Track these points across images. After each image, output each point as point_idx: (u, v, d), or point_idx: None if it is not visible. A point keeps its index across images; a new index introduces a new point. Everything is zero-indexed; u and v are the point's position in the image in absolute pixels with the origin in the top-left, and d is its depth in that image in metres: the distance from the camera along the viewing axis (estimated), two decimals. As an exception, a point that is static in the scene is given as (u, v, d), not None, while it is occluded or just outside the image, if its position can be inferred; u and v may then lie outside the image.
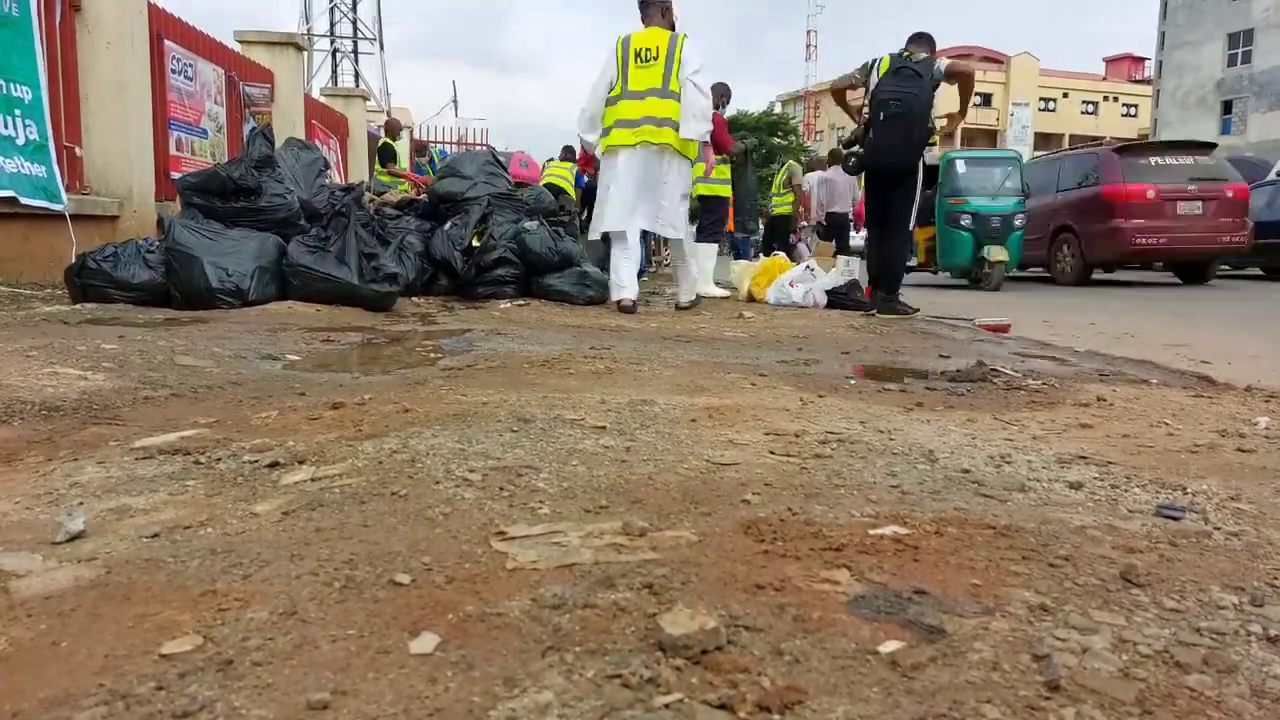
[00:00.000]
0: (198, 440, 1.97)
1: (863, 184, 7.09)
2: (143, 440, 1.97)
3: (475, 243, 6.49)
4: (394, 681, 0.93)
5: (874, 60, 6.30)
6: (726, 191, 9.08)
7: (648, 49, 5.92)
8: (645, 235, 12.04)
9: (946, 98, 6.51)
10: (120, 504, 1.54)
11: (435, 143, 21.47)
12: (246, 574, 1.22)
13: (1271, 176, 14.84)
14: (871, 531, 1.42)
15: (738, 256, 12.45)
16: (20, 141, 5.56)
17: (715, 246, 8.90)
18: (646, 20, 6.13)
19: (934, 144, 6.48)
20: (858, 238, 9.91)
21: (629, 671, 0.94)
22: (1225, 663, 1.01)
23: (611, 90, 6.02)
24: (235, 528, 1.42)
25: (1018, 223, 10.97)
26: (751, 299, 7.45)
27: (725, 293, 8.34)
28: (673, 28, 6.13)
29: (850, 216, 12.46)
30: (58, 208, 5.74)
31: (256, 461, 1.79)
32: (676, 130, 5.86)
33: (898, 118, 6.06)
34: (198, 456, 1.84)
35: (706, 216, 8.93)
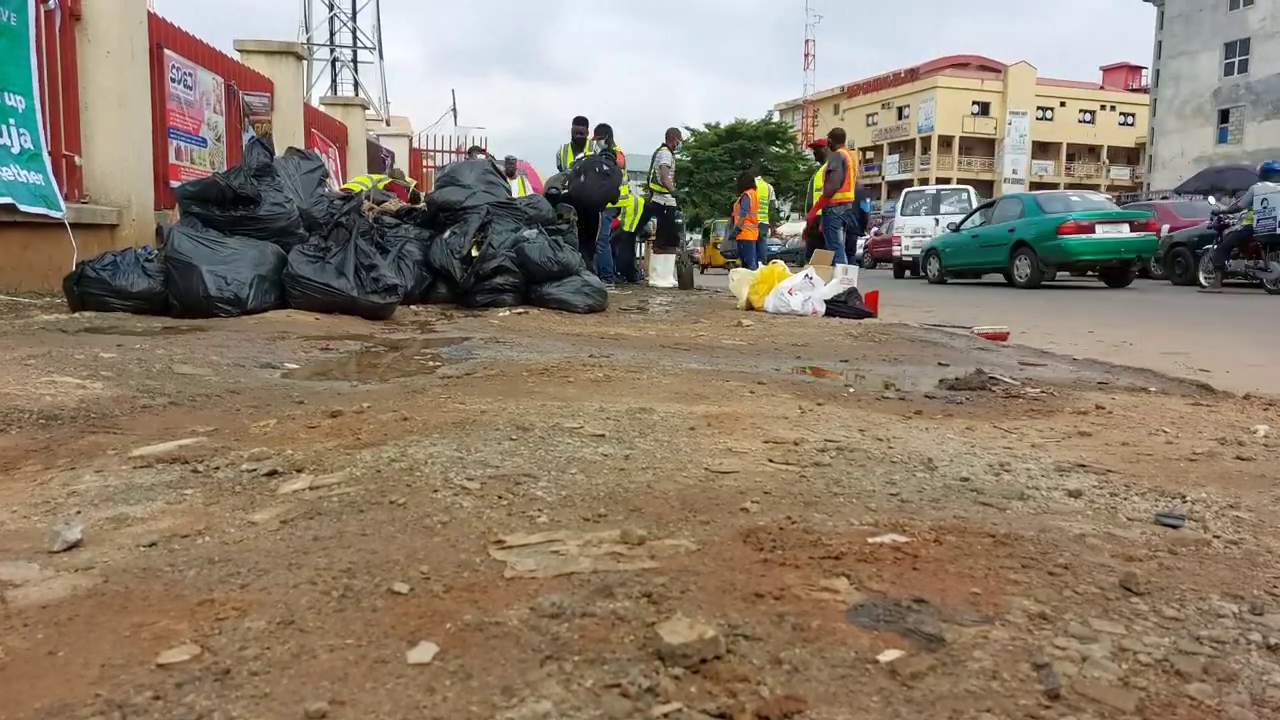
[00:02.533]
0: (196, 449, 1.97)
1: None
2: (141, 449, 1.97)
3: (475, 252, 6.48)
4: (392, 691, 0.93)
5: None
6: None
7: None
8: (630, 245, 12.39)
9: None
10: (118, 513, 1.53)
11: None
12: (244, 583, 1.22)
13: (1269, 185, 14.85)
14: (871, 540, 1.41)
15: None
16: (15, 150, 5.57)
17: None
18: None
19: None
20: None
21: (628, 681, 0.94)
22: (1225, 671, 1.00)
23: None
24: (233, 537, 1.42)
25: None
26: (750, 307, 7.46)
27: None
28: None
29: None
30: (57, 215, 5.74)
31: (255, 470, 1.79)
32: None
33: None
34: (196, 465, 1.84)
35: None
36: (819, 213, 10.52)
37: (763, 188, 13.25)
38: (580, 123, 10.99)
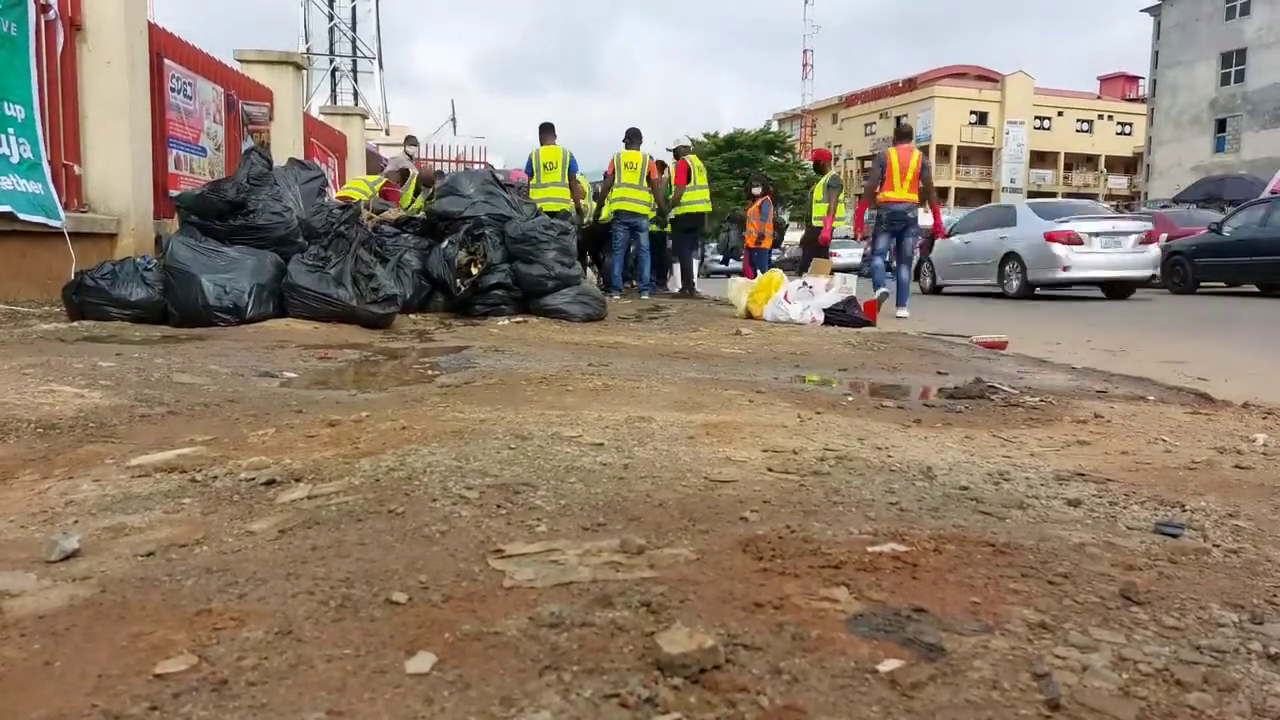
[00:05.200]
0: (194, 458, 1.97)
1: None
2: (139, 458, 1.96)
3: (475, 270, 6.46)
4: (390, 702, 0.92)
5: None
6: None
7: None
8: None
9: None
10: (116, 522, 1.53)
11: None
12: (242, 593, 1.21)
13: (1265, 194, 14.94)
14: (870, 549, 1.41)
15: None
16: (15, 160, 5.58)
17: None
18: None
19: None
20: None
21: (627, 691, 0.94)
22: (1226, 681, 1.00)
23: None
24: (231, 546, 1.41)
25: None
26: (749, 316, 7.46)
27: None
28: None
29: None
30: (56, 224, 5.75)
31: (253, 479, 1.79)
32: None
33: None
34: (194, 474, 1.83)
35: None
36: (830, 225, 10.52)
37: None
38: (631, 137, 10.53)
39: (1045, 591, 1.26)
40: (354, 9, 41.62)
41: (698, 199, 10.82)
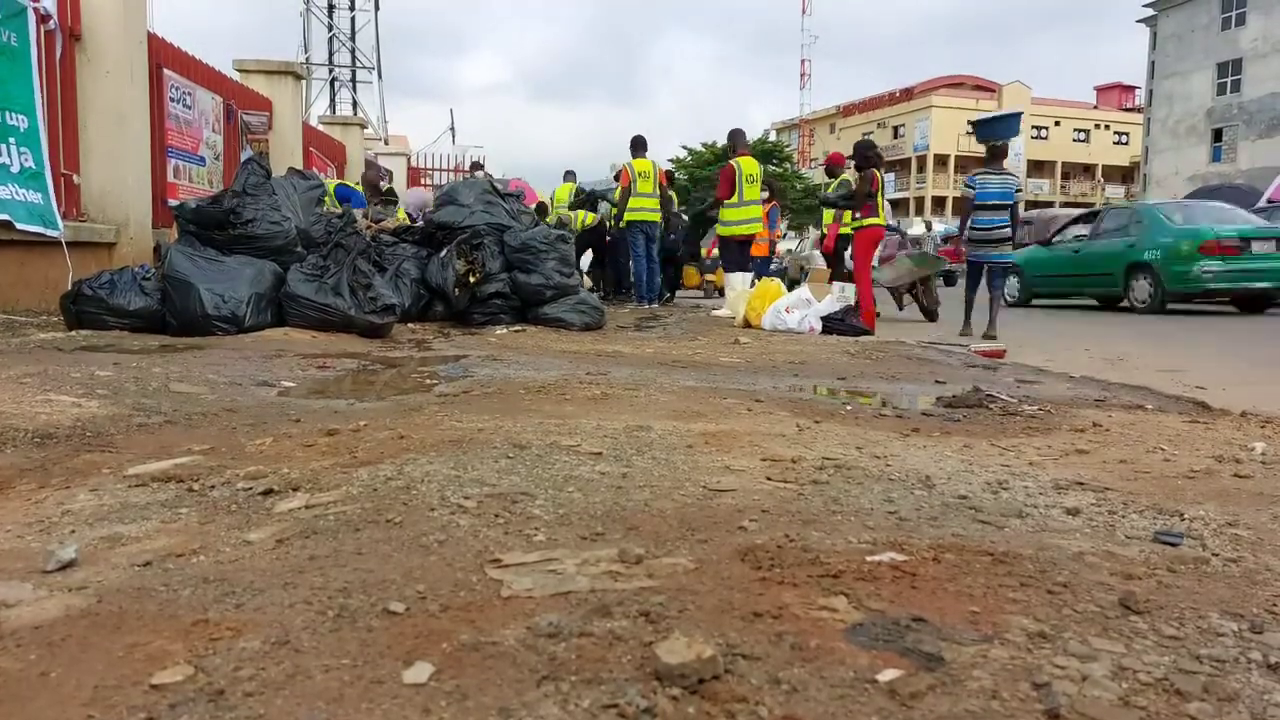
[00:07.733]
0: (191, 468, 1.96)
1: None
2: (136, 468, 1.96)
3: (473, 279, 6.46)
4: (387, 712, 0.92)
5: None
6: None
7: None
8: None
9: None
10: (112, 532, 1.53)
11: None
12: (239, 603, 1.21)
13: (1262, 203, 14.99)
14: (869, 558, 1.41)
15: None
16: (15, 169, 5.58)
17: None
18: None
19: None
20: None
21: (625, 701, 0.94)
22: (1225, 691, 1.00)
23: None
24: (228, 556, 1.41)
25: None
26: (748, 325, 7.46)
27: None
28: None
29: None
30: (54, 234, 5.75)
31: (250, 489, 1.78)
32: None
33: None
34: (191, 484, 1.83)
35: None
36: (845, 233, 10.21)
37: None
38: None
39: (1044, 601, 1.26)
40: (353, 19, 41.79)
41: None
